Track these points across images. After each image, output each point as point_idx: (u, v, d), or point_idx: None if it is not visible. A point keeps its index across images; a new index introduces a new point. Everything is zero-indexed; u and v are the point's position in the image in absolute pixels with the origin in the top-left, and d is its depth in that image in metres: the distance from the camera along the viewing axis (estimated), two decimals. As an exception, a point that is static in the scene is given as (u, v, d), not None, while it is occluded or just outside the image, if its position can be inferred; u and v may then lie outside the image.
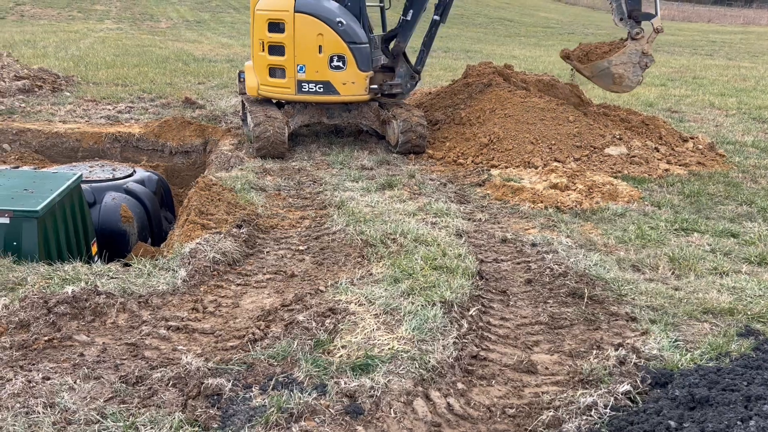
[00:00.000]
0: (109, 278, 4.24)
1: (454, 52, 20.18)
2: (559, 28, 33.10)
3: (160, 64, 14.62)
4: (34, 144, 8.66)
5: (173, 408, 2.99)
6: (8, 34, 18.92)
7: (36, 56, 14.52)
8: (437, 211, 5.98)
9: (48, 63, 13.39)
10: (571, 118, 7.98)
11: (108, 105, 10.48)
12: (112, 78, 12.59)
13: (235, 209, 5.77)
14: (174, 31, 23.13)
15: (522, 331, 3.99)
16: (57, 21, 24.33)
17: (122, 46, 17.38)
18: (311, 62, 7.71)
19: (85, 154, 8.67)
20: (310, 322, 3.82)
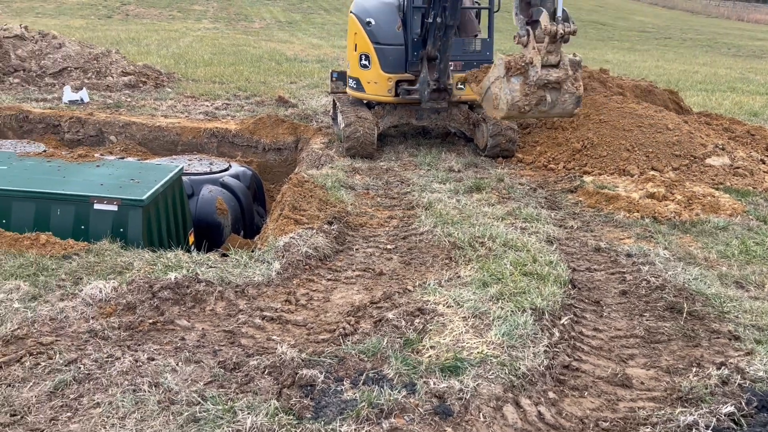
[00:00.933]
0: (208, 267, 4.42)
1: (544, 55, 19.81)
2: (656, 33, 31.88)
3: (254, 63, 15.10)
4: (138, 136, 9.13)
5: (269, 395, 3.08)
6: (115, 32, 20.04)
7: (140, 53, 15.30)
8: (527, 216, 5.89)
9: (151, 60, 14.09)
10: (670, 125, 7.67)
11: (206, 101, 10.91)
12: (210, 76, 13.10)
13: (326, 206, 5.89)
14: (267, 31, 23.83)
15: (616, 344, 3.87)
16: (158, 20, 25.56)
17: (218, 45, 18.05)
18: (352, 60, 8.22)
19: (185, 147, 9.07)
20: (399, 321, 3.85)
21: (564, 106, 5.36)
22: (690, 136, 7.56)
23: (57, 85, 11.27)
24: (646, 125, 7.64)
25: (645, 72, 15.84)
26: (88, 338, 3.53)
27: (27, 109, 9.60)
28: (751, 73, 17.54)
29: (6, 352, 3.34)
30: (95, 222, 5.14)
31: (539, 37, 5.22)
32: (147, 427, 2.84)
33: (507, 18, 9.23)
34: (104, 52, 12.56)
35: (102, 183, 5.51)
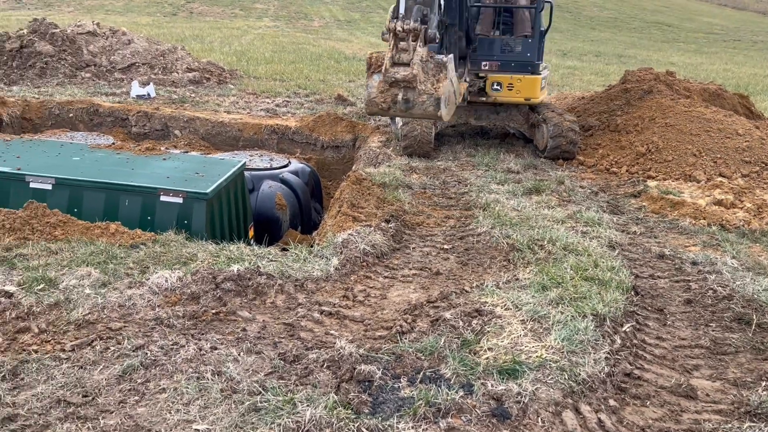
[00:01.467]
0: (269, 260, 4.51)
1: (606, 56, 19.38)
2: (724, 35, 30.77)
3: (313, 61, 15.29)
4: (202, 131, 9.37)
5: (327, 389, 3.12)
6: (179, 29, 20.60)
7: (203, 50, 15.70)
8: (588, 220, 5.78)
9: (214, 57, 14.43)
10: (740, 131, 7.40)
11: (267, 98, 11.11)
12: (271, 73, 13.33)
13: (384, 204, 5.91)
14: (326, 30, 24.09)
15: (680, 354, 3.77)
16: (221, 18, 26.15)
17: (279, 43, 18.35)
18: None
19: (246, 143, 9.26)
20: (456, 321, 3.84)
21: (423, 107, 5.13)
22: (761, 142, 7.27)
23: (125, 80, 11.67)
24: (715, 130, 7.39)
25: (713, 75, 15.33)
26: (155, 325, 3.64)
27: (97, 102, 9.97)
28: (827, 78, 16.75)
29: (78, 336, 3.48)
30: (161, 213, 5.30)
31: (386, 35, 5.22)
32: (210, 414, 2.91)
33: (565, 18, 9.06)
34: (170, 49, 12.94)
35: (168, 176, 5.68)
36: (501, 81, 7.87)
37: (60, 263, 4.26)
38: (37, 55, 11.63)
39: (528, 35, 8.02)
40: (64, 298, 3.81)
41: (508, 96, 7.86)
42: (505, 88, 7.81)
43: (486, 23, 8.12)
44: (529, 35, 8.00)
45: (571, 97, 10.27)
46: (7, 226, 4.69)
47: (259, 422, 2.87)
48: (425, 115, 5.27)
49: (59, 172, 5.53)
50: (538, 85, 7.85)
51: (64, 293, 3.87)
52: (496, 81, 7.85)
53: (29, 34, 11.94)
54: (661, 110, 7.82)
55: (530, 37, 7.96)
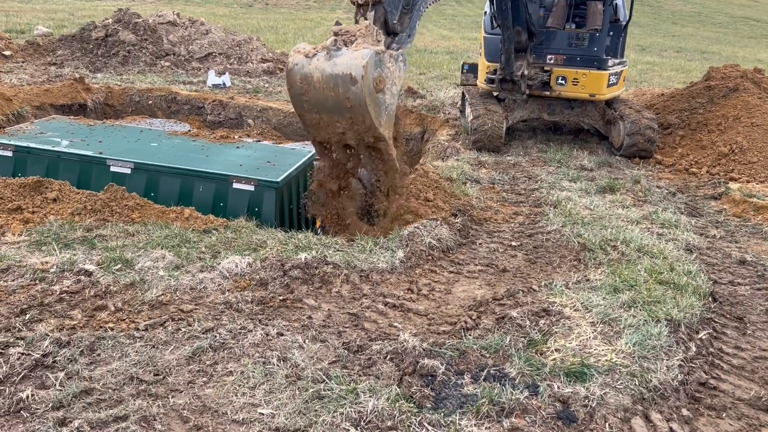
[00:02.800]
0: (335, 250, 4.54)
1: (687, 52, 18.59)
2: (819, 30, 28.99)
3: (384, 53, 15.28)
4: (274, 121, 9.53)
5: (390, 381, 3.12)
6: (255, 20, 21.01)
7: (278, 41, 15.95)
8: (664, 221, 5.56)
9: (288, 48, 14.63)
10: (835, 132, 6.95)
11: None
12: (342, 64, 13.41)
13: (451, 198, 5.86)
14: (398, 22, 24.04)
15: (760, 365, 3.57)
16: (296, 9, 26.51)
17: (351, 35, 18.44)
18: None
19: (315, 134, 9.35)
20: (523, 320, 3.77)
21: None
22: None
23: (202, 69, 11.99)
24: (806, 131, 6.97)
25: (805, 72, 14.46)
26: (224, 309, 3.73)
27: (175, 90, 10.29)
28: None
29: (152, 316, 3.60)
30: (233, 200, 5.42)
31: None
32: (274, 399, 2.96)
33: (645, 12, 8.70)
34: (246, 39, 13.20)
35: (241, 164, 5.80)
36: (566, 75, 7.75)
37: (136, 245, 4.42)
38: (120, 43, 12.09)
39: (597, 29, 7.77)
40: (140, 279, 3.95)
41: (573, 91, 7.74)
42: (570, 82, 7.66)
43: (558, 16, 7.94)
44: (599, 29, 7.75)
45: (650, 94, 9.89)
46: (89, 207, 4.90)
47: (321, 410, 2.89)
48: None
49: (138, 157, 5.73)
50: (605, 81, 7.64)
51: (140, 274, 4.01)
52: (561, 75, 7.74)
53: (114, 24, 12.43)
54: (747, 109, 7.43)
55: (599, 31, 7.72)
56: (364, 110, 4.30)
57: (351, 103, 4.29)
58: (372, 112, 4.35)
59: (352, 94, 4.24)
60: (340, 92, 4.22)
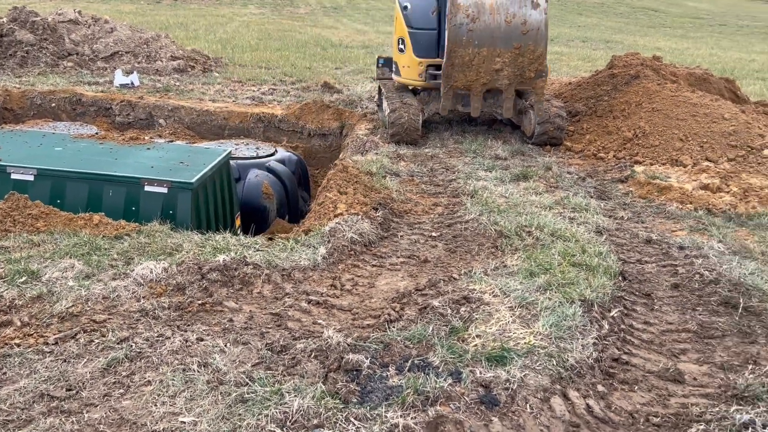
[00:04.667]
0: (255, 250, 4.47)
1: (593, 42, 19.36)
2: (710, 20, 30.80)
3: (299, 48, 15.16)
4: (187, 120, 9.27)
5: (315, 379, 3.10)
6: (164, 17, 20.34)
7: (188, 38, 15.51)
8: (575, 205, 5.78)
9: (199, 45, 14.27)
10: (727, 115, 7.41)
11: (253, 86, 11.01)
12: (256, 61, 13.21)
13: (371, 192, 5.88)
14: (312, 17, 23.88)
15: (668, 338, 3.78)
16: (206, 5, 25.84)
17: (265, 31, 18.17)
18: (393, 44, 8.29)
19: (232, 132, 9.18)
20: (444, 309, 3.83)
21: None
22: (747, 126, 7.29)
23: (108, 68, 11.51)
24: (701, 114, 7.40)
25: (699, 60, 15.34)
26: (140, 317, 3.60)
27: (80, 92, 9.83)
28: (812, 61, 16.81)
29: (62, 329, 3.44)
30: (145, 203, 5.24)
31: None
32: (196, 406, 2.88)
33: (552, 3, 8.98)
34: (154, 37, 12.77)
35: (152, 165, 5.61)
36: None
37: (42, 255, 4.20)
38: (17, 44, 11.43)
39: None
40: (47, 291, 3.76)
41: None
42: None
43: None
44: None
45: (558, 83, 10.24)
46: (-13, 218, 4.62)
47: (246, 413, 2.84)
48: None
49: (41, 163, 5.45)
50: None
51: (47, 286, 3.81)
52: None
53: (9, 23, 11.74)
54: (647, 95, 7.81)
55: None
56: (542, 36, 4.09)
57: (527, 29, 4.06)
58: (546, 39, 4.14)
59: (532, 18, 4.03)
60: (516, 17, 4.00)
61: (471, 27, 4.21)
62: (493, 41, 4.25)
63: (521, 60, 4.30)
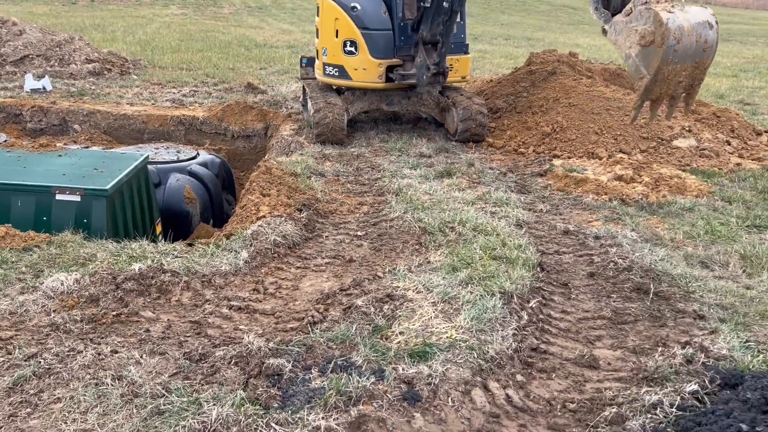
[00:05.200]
0: (173, 257, 4.35)
1: (515, 39, 19.83)
2: (625, 16, 32.09)
3: (223, 49, 14.88)
4: (103, 125, 8.95)
5: (235, 386, 3.05)
6: (79, 18, 19.58)
7: (105, 40, 14.98)
8: (497, 200, 5.90)
9: (116, 47, 13.80)
10: (638, 108, 7.72)
11: (173, 88, 10.73)
12: (177, 62, 12.88)
13: (296, 193, 5.83)
14: (236, 16, 23.49)
15: (584, 325, 3.90)
16: (125, 6, 25.03)
17: (186, 32, 17.75)
18: (330, 46, 7.84)
19: (151, 135, 8.91)
20: (368, 308, 3.83)
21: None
22: (657, 119, 7.61)
23: (18, 73, 10.98)
24: (615, 108, 7.68)
25: (614, 56, 15.92)
26: (50, 332, 3.45)
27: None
28: (718, 56, 17.73)
29: (-37, 348, 3.25)
30: (57, 213, 5.03)
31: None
32: (109, 421, 2.78)
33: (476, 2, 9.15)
34: (67, 39, 12.26)
35: (64, 173, 5.39)
36: (451, 62, 7.88)
37: (-58, 272, 3.96)
38: None
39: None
40: (-53, 309, 3.54)
41: (452, 77, 7.94)
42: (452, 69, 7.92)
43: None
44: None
45: (480, 81, 10.43)
46: None
47: (162, 425, 2.76)
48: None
49: (-59, 174, 5.14)
50: (469, 65, 8.23)
51: (-53, 304, 3.60)
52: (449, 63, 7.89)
53: None
54: (564, 91, 8.06)
55: (461, 20, 8.00)
56: (713, 52, 5.21)
57: (707, 46, 5.13)
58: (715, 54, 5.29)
59: (710, 37, 5.12)
60: (701, 38, 5.09)
61: (676, 48, 5.07)
62: (685, 58, 5.10)
63: (697, 72, 5.21)
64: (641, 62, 5.31)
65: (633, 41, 5.35)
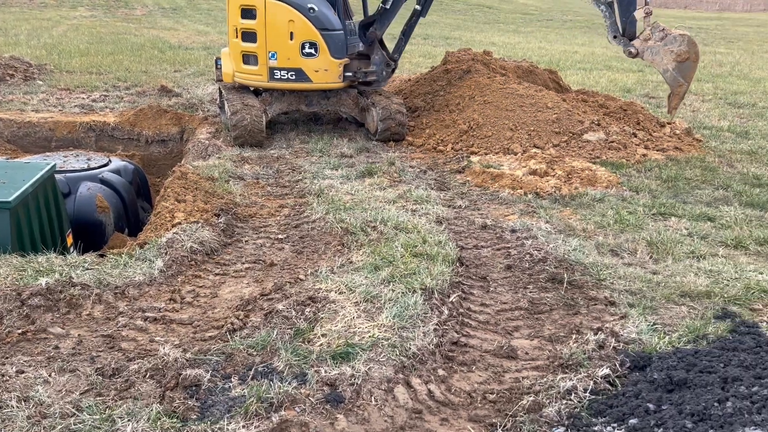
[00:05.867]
0: (84, 269, 4.17)
1: (433, 39, 20.10)
2: (538, 15, 33.12)
3: (135, 52, 14.39)
4: (6, 134, 8.48)
5: (151, 400, 2.95)
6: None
7: (7, 44, 14.21)
8: (417, 198, 5.96)
9: (20, 51, 13.09)
10: (550, 104, 7.99)
11: (82, 94, 10.29)
12: (86, 66, 12.37)
13: (213, 198, 5.70)
14: (149, 18, 22.77)
15: (502, 317, 4.00)
16: (29, 8, 23.81)
17: (96, 34, 17.07)
18: (283, 49, 7.66)
19: (59, 143, 8.51)
20: (289, 311, 3.79)
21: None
22: (568, 114, 7.90)
23: None
24: (528, 104, 7.91)
25: (528, 53, 16.42)
26: (-53, 356, 3.24)
27: None
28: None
29: None
30: (-45, 228, 4.72)
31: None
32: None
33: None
34: (-36, 43, 11.54)
35: (-38, 185, 5.06)
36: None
37: None
38: None
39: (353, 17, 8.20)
40: None
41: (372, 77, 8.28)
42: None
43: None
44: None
45: (399, 80, 10.52)
46: None
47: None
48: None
49: None
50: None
51: None
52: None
53: None
54: (479, 89, 8.23)
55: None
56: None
57: (698, 58, 7.51)
58: None
59: (699, 51, 7.55)
60: (698, 52, 7.45)
61: (695, 61, 7.58)
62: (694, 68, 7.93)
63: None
64: (679, 74, 7.50)
65: (670, 59, 7.45)
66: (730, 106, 11.16)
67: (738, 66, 16.21)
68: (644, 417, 2.78)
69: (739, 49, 20.78)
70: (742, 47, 21.26)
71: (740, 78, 14.21)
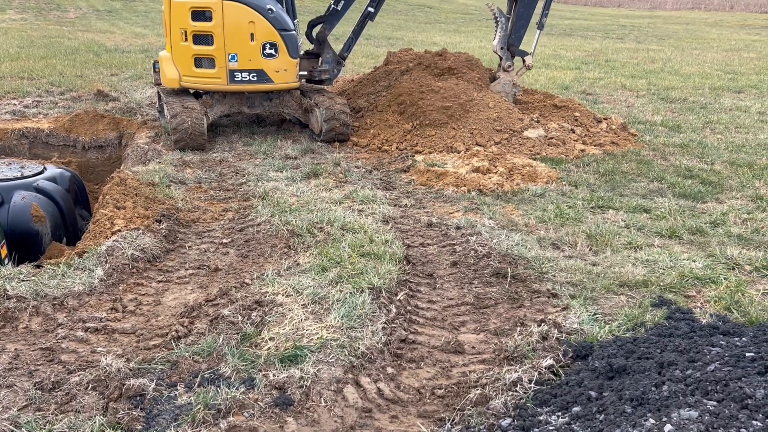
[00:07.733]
0: (19, 281, 4.03)
1: (375, 39, 20.17)
2: (478, 14, 33.62)
3: (69, 55, 13.94)
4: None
5: (93, 412, 2.87)
6: None
7: (-70, 49, 13.57)
8: (363, 198, 5.98)
9: (-56, 56, 12.53)
10: (491, 103, 8.12)
11: (13, 99, 9.91)
12: (17, 71, 11.91)
13: (154, 204, 5.59)
14: (84, 21, 22.10)
15: (449, 313, 4.05)
16: (-47, 11, 22.78)
17: (27, 38, 16.47)
18: (243, 51, 7.57)
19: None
20: (236, 316, 3.76)
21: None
22: (509, 112, 8.05)
23: None
24: (469, 103, 8.01)
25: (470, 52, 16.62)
26: None
27: None
28: (562, 50, 19.05)
29: None
30: None
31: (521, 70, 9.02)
32: (-51, 468, 2.53)
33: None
34: None
35: None
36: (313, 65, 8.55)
37: None
38: None
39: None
40: None
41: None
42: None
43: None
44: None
45: (342, 81, 10.51)
46: None
47: (11, 465, 2.55)
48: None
49: None
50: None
51: None
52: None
53: None
54: (420, 90, 8.29)
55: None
56: None
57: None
58: None
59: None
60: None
61: None
62: None
63: None
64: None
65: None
66: (663, 101, 11.58)
67: (669, 62, 16.83)
68: (587, 404, 2.87)
69: (669, 46, 21.58)
70: (672, 44, 22.08)
71: (671, 74, 14.75)
